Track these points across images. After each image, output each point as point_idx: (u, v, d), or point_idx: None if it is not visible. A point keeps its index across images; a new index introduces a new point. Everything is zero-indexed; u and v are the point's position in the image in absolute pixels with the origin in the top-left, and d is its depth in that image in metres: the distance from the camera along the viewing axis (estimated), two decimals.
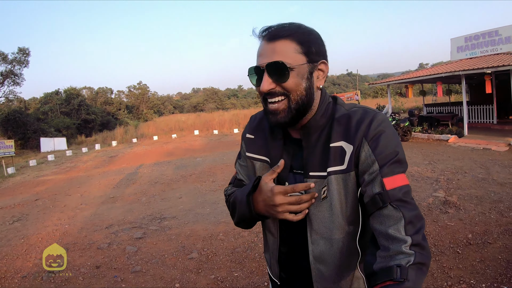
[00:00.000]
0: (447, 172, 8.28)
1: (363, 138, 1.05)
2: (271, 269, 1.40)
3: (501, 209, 5.47)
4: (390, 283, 0.86)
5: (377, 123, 1.06)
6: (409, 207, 0.97)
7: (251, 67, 1.12)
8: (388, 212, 0.97)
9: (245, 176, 1.39)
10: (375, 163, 1.02)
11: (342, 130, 1.10)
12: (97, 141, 30.15)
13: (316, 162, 1.12)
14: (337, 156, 1.08)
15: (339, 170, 1.08)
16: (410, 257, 0.89)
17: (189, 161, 14.59)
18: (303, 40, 1.07)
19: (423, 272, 0.89)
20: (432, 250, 4.33)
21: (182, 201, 7.93)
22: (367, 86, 64.27)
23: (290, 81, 1.05)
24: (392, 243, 0.94)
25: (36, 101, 46.76)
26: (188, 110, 65.64)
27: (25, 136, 29.63)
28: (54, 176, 14.10)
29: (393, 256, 0.92)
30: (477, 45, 15.81)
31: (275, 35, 1.06)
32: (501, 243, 4.36)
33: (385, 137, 1.05)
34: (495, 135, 13.40)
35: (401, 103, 29.31)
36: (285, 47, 1.05)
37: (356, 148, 1.06)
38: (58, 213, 7.85)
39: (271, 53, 1.05)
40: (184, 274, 4.30)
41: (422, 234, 0.95)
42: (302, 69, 1.07)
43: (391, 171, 1.01)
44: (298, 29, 1.08)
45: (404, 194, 0.98)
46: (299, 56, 1.06)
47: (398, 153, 1.04)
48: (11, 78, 31.92)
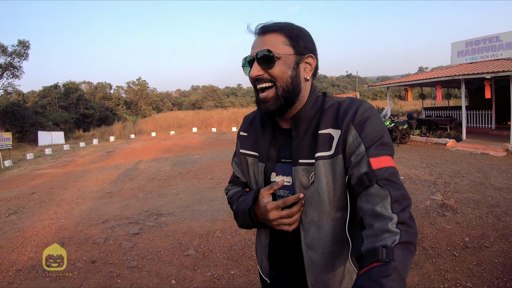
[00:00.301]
0: (445, 175, 8.29)
1: (350, 123, 1.10)
2: (261, 267, 1.44)
3: (498, 214, 5.48)
4: (377, 264, 0.86)
5: (363, 109, 1.12)
6: (396, 186, 1.00)
7: (244, 57, 1.24)
8: (374, 191, 1.00)
9: (240, 173, 1.49)
10: (362, 145, 1.07)
11: (331, 118, 1.16)
12: (95, 136, 30.16)
13: (305, 150, 1.18)
14: (325, 143, 1.14)
15: (326, 155, 1.12)
16: (396, 236, 0.90)
17: (187, 158, 14.58)
18: (291, 34, 1.18)
19: (410, 251, 0.89)
20: (429, 252, 4.33)
21: (179, 197, 7.92)
22: (366, 88, 64.51)
23: (276, 68, 1.15)
24: (378, 220, 0.95)
25: (35, 95, 46.62)
26: (186, 107, 65.65)
27: (23, 129, 29.57)
28: (51, 170, 14.07)
29: (379, 235, 0.93)
30: (478, 50, 15.84)
31: (266, 30, 1.18)
32: (498, 247, 4.37)
33: (371, 122, 1.10)
34: (493, 140, 13.44)
35: (400, 106, 29.41)
36: (274, 39, 1.16)
37: (343, 133, 1.11)
38: (54, 207, 7.83)
39: (262, 44, 1.16)
40: (180, 270, 4.29)
41: (408, 213, 0.97)
42: (289, 59, 1.16)
43: (377, 152, 1.05)
44: (287, 25, 1.19)
45: (390, 174, 1.02)
46: (286, 48, 1.16)
47: (383, 136, 1.08)
48: (10, 71, 31.86)
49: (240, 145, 1.43)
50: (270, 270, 1.39)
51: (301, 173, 1.17)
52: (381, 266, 0.84)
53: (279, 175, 1.26)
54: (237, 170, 1.50)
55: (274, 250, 1.35)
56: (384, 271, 0.82)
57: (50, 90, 42.87)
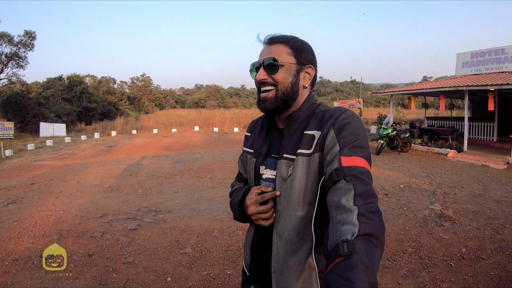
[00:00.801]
0: (444, 185, 8.29)
1: (331, 126, 1.20)
2: (245, 259, 1.56)
3: (496, 226, 5.48)
4: (340, 259, 0.87)
5: (345, 115, 1.22)
6: (362, 183, 1.05)
7: (252, 63, 1.39)
8: (340, 185, 1.06)
9: (242, 170, 1.64)
10: (337, 145, 1.15)
11: (317, 122, 1.27)
12: (97, 130, 30.15)
13: (291, 147, 1.29)
14: (307, 142, 1.24)
15: (306, 153, 1.23)
16: (355, 228, 0.92)
17: (188, 156, 14.59)
18: (295, 46, 1.33)
19: (373, 243, 0.91)
20: (425, 262, 4.33)
21: (178, 195, 7.92)
22: (370, 95, 64.57)
23: (279, 74, 1.30)
24: (340, 212, 1.00)
25: (39, 86, 46.73)
26: (189, 106, 65.64)
27: (25, 119, 29.61)
28: (52, 162, 14.08)
29: (340, 227, 0.96)
30: (483, 62, 15.82)
31: (274, 40, 1.34)
32: (494, 259, 4.37)
33: (350, 126, 1.18)
34: (494, 152, 13.43)
35: (402, 114, 29.30)
36: (280, 49, 1.32)
37: (324, 134, 1.21)
38: (53, 198, 7.84)
39: (268, 52, 1.33)
40: (177, 268, 4.29)
41: (371, 207, 1.00)
42: (290, 67, 1.32)
43: (349, 152, 1.12)
44: (292, 38, 1.35)
45: (359, 173, 1.08)
46: (289, 57, 1.32)
47: (359, 139, 1.16)
48: (15, 61, 31.97)
49: (244, 144, 1.61)
50: (250, 263, 1.48)
51: (283, 166, 1.28)
52: (343, 260, 0.86)
53: (267, 168, 1.38)
54: (241, 167, 1.65)
55: (257, 241, 1.45)
56: (347, 264, 0.84)
57: (54, 81, 42.89)
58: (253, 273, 1.46)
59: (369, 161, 1.15)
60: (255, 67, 1.37)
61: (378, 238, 0.93)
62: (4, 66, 31.68)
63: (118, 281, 3.99)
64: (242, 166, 1.63)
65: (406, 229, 5.45)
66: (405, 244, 4.89)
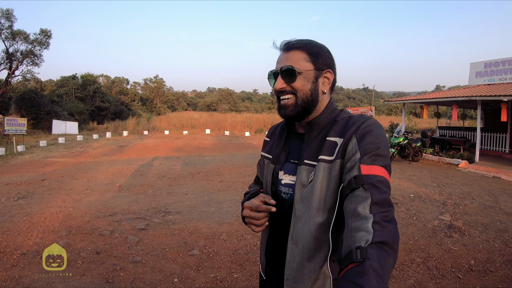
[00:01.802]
0: (455, 196, 8.22)
1: (353, 134, 1.19)
2: (261, 263, 1.56)
3: (505, 239, 5.42)
4: (352, 265, 0.88)
5: (367, 123, 1.21)
6: (379, 191, 1.05)
7: (270, 72, 1.39)
8: (358, 193, 1.06)
9: (260, 173, 1.64)
10: (357, 152, 1.14)
11: (339, 128, 1.26)
12: (109, 129, 30.40)
13: (312, 153, 1.28)
14: (329, 148, 1.23)
15: (327, 159, 1.22)
16: (369, 235, 0.93)
17: (198, 158, 14.64)
18: (312, 51, 1.32)
19: (385, 251, 0.91)
20: (433, 273, 4.30)
21: (188, 197, 7.95)
22: (382, 103, 64.23)
23: (298, 82, 1.29)
24: (355, 220, 1.01)
25: (52, 83, 47.24)
26: (201, 109, 65.96)
27: (38, 116, 29.95)
28: (63, 159, 14.22)
29: (354, 234, 0.97)
30: (496, 72, 15.69)
31: (290, 47, 1.33)
32: (503, 272, 4.32)
33: (372, 134, 1.18)
34: (506, 164, 13.29)
35: (414, 123, 29.13)
36: (296, 56, 1.31)
37: (346, 141, 1.20)
38: (63, 195, 7.91)
39: (285, 60, 1.31)
40: (184, 269, 4.31)
41: (387, 216, 1.00)
42: (309, 74, 1.31)
43: (369, 160, 1.12)
44: (309, 43, 1.34)
45: (377, 182, 1.07)
46: (307, 64, 1.30)
47: (380, 147, 1.15)
48: (30, 58, 32.27)
49: (262, 148, 1.62)
50: (266, 266, 1.48)
51: (303, 172, 1.27)
52: (356, 266, 0.87)
53: (286, 174, 1.37)
54: (259, 170, 1.65)
55: (271, 246, 1.44)
56: (359, 271, 0.85)
57: (68, 80, 43.36)
58: (269, 277, 1.46)
59: (389, 170, 1.15)
60: (273, 73, 1.37)
61: (392, 247, 0.93)
62: (19, 63, 32.01)
63: (125, 280, 4.01)
64: (260, 170, 1.63)
65: (415, 239, 5.41)
66: (413, 254, 4.86)
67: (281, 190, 1.38)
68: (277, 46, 1.38)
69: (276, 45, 1.39)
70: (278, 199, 1.38)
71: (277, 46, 1.38)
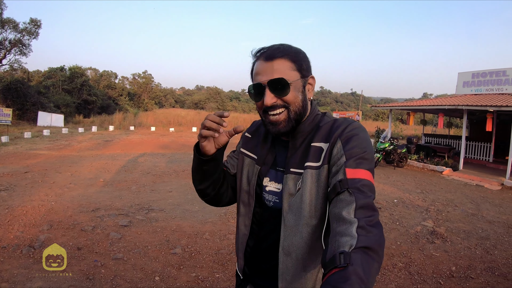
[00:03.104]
0: (438, 203, 8.30)
1: (338, 137, 1.17)
2: (238, 262, 1.51)
3: (487, 246, 5.49)
4: (336, 270, 0.86)
5: (352, 127, 1.19)
6: (364, 195, 1.03)
7: (250, 85, 1.27)
8: (343, 197, 1.03)
9: (230, 165, 1.55)
10: (343, 156, 1.12)
11: (324, 133, 1.24)
12: (95, 123, 30.14)
13: (297, 160, 1.25)
14: (315, 154, 1.21)
15: (314, 166, 1.19)
16: (353, 240, 0.91)
17: (184, 156, 14.57)
18: (295, 58, 1.23)
19: (370, 256, 0.89)
20: (415, 278, 4.33)
21: (171, 195, 7.90)
22: (369, 108, 64.73)
23: (290, 95, 1.21)
24: (340, 224, 0.98)
25: (40, 74, 46.59)
26: (189, 106, 65.57)
27: (24, 107, 29.56)
28: (47, 152, 14.04)
29: (339, 238, 0.94)
30: (484, 82, 15.88)
31: (271, 55, 1.21)
32: (484, 279, 4.37)
33: (357, 138, 1.16)
34: (489, 173, 13.47)
35: (400, 130, 29.40)
36: (282, 65, 1.20)
37: (331, 146, 1.17)
38: (46, 188, 7.81)
39: (271, 71, 1.20)
40: (166, 268, 4.27)
41: (372, 221, 0.98)
42: (297, 84, 1.23)
43: (355, 164, 1.09)
44: (290, 49, 1.24)
45: (362, 186, 1.05)
46: (294, 73, 1.22)
47: (365, 151, 1.13)
48: (19, 47, 31.92)
49: (242, 144, 1.51)
50: (244, 267, 1.44)
51: (290, 181, 1.23)
52: (339, 271, 0.85)
53: (271, 181, 1.34)
54: (229, 161, 1.56)
55: (251, 248, 1.40)
56: (342, 276, 0.83)
57: (55, 71, 42.82)
58: (247, 277, 1.43)
59: (373, 173, 1.13)
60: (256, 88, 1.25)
61: (376, 252, 0.92)
62: (7, 52, 31.61)
63: (106, 277, 3.96)
64: (233, 162, 1.55)
65: (397, 244, 5.45)
66: (395, 259, 4.89)
67: (264, 197, 1.35)
68: (255, 55, 1.27)
69: (254, 54, 1.28)
70: (262, 206, 1.36)
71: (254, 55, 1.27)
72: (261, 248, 1.34)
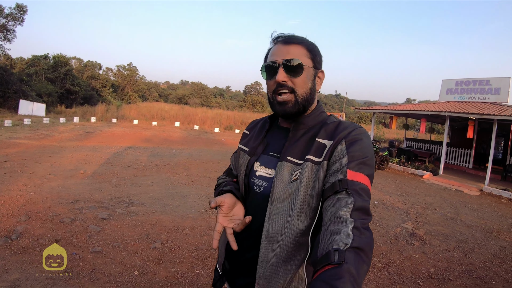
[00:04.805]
0: (418, 206, 8.40)
1: (343, 138, 1.18)
2: (218, 256, 1.52)
3: (465, 249, 5.58)
4: (329, 267, 0.87)
5: (358, 131, 1.21)
6: (362, 198, 1.04)
7: (264, 64, 1.31)
8: (341, 196, 1.05)
9: (233, 165, 1.62)
10: (345, 157, 1.13)
11: (330, 131, 1.25)
12: (77, 114, 29.64)
13: (297, 151, 1.25)
14: (318, 150, 1.21)
15: (315, 160, 1.20)
16: (348, 239, 0.92)
17: (166, 151, 14.47)
18: (311, 48, 1.29)
19: (361, 258, 0.90)
20: (394, 278, 4.38)
21: (152, 189, 7.83)
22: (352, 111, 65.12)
23: (300, 78, 1.25)
24: (335, 222, 0.99)
25: (23, 62, 45.71)
26: (172, 101, 65.22)
27: (5, 94, 28.92)
28: (27, 141, 13.78)
29: (333, 236, 0.95)
30: (467, 90, 16.14)
31: (289, 40, 1.27)
32: (461, 281, 4.44)
33: (361, 143, 1.17)
34: (468, 179, 13.71)
35: (383, 133, 29.71)
36: (298, 50, 1.25)
37: (334, 144, 1.19)
38: (25, 179, 7.66)
39: (286, 53, 1.24)
40: (145, 262, 4.23)
41: (365, 224, 0.99)
42: (309, 72, 1.28)
43: (357, 167, 1.11)
44: (307, 39, 1.31)
45: (361, 189, 1.07)
46: (308, 60, 1.27)
47: (367, 157, 1.15)
48: (3, 33, 31.20)
49: (240, 141, 1.56)
50: (224, 261, 1.44)
51: (285, 169, 1.23)
52: (333, 268, 0.85)
53: (262, 166, 1.34)
54: (233, 162, 1.63)
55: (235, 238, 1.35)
56: (336, 273, 0.83)
57: (39, 59, 42.02)
58: (226, 272, 1.42)
59: (371, 180, 1.14)
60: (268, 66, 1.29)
61: (367, 254, 0.92)
62: None
63: (84, 270, 3.90)
64: (235, 161, 1.59)
65: (377, 244, 5.49)
66: (375, 259, 4.93)
67: (253, 182, 1.34)
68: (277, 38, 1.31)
69: (272, 36, 1.32)
70: (250, 193, 1.35)
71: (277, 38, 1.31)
72: (244, 239, 1.31)
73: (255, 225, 1.27)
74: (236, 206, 1.31)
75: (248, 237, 1.30)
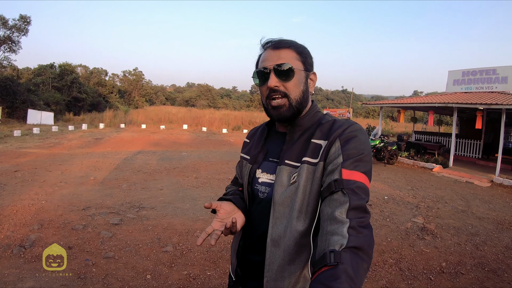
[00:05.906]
0: (428, 199, 8.36)
1: (338, 137, 1.19)
2: (231, 264, 1.52)
3: (476, 242, 5.54)
4: (325, 268, 0.87)
5: (353, 128, 1.21)
6: (358, 197, 1.05)
7: (255, 71, 1.32)
8: (337, 197, 1.05)
9: (238, 174, 1.62)
10: (340, 156, 1.14)
11: (325, 131, 1.25)
12: (85, 121, 29.86)
13: (294, 154, 1.26)
14: (314, 151, 1.22)
15: (311, 162, 1.20)
16: (344, 240, 0.92)
17: (174, 154, 14.54)
18: (301, 51, 1.30)
19: (359, 256, 0.90)
20: (405, 274, 4.36)
21: (162, 193, 7.88)
22: (360, 106, 64.93)
23: (292, 82, 1.26)
24: (331, 223, 1.00)
25: (29, 72, 46.23)
26: (179, 104, 65.48)
27: (13, 105, 29.20)
28: (37, 150, 13.91)
29: (329, 237, 0.96)
30: (474, 80, 16.01)
31: (279, 45, 1.28)
32: (474, 275, 4.42)
33: (356, 140, 1.17)
34: (479, 170, 13.61)
35: (391, 127, 29.57)
36: (288, 54, 1.27)
37: (329, 144, 1.19)
38: (36, 187, 7.74)
39: (277, 58, 1.26)
40: (157, 266, 4.26)
41: (363, 222, 1.00)
42: (301, 74, 1.29)
43: (351, 166, 1.11)
44: (296, 43, 1.32)
45: (357, 188, 1.07)
46: (299, 63, 1.28)
47: (363, 153, 1.15)
48: (8, 45, 31.56)
49: (242, 149, 1.58)
50: (236, 268, 1.44)
51: (284, 172, 1.25)
52: (329, 270, 0.86)
53: (263, 172, 1.36)
54: (238, 172, 1.64)
55: (242, 247, 1.41)
56: (332, 274, 0.84)
57: (45, 69, 42.43)
58: (239, 279, 1.43)
59: (369, 176, 1.14)
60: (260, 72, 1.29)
61: (366, 252, 0.93)
62: None
63: (97, 276, 3.94)
64: (239, 171, 1.60)
65: (388, 240, 5.48)
66: (386, 255, 4.92)
67: (257, 189, 1.36)
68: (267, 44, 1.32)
69: (262, 43, 1.33)
70: (256, 200, 1.36)
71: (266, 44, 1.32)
72: (254, 246, 1.34)
73: (262, 230, 1.29)
74: (235, 214, 1.34)
75: (256, 242, 1.32)
